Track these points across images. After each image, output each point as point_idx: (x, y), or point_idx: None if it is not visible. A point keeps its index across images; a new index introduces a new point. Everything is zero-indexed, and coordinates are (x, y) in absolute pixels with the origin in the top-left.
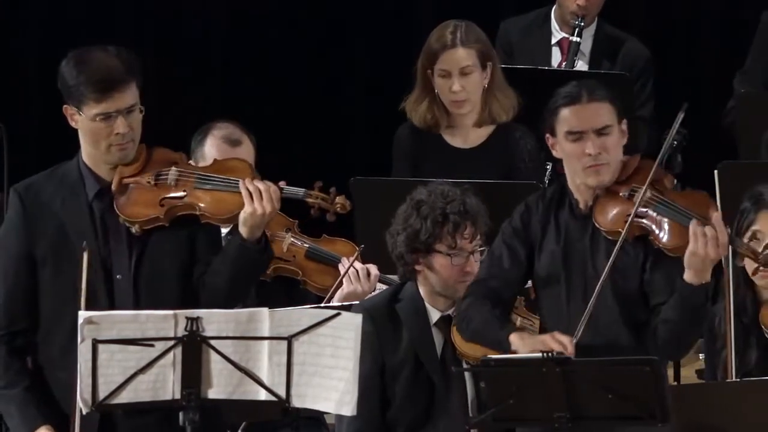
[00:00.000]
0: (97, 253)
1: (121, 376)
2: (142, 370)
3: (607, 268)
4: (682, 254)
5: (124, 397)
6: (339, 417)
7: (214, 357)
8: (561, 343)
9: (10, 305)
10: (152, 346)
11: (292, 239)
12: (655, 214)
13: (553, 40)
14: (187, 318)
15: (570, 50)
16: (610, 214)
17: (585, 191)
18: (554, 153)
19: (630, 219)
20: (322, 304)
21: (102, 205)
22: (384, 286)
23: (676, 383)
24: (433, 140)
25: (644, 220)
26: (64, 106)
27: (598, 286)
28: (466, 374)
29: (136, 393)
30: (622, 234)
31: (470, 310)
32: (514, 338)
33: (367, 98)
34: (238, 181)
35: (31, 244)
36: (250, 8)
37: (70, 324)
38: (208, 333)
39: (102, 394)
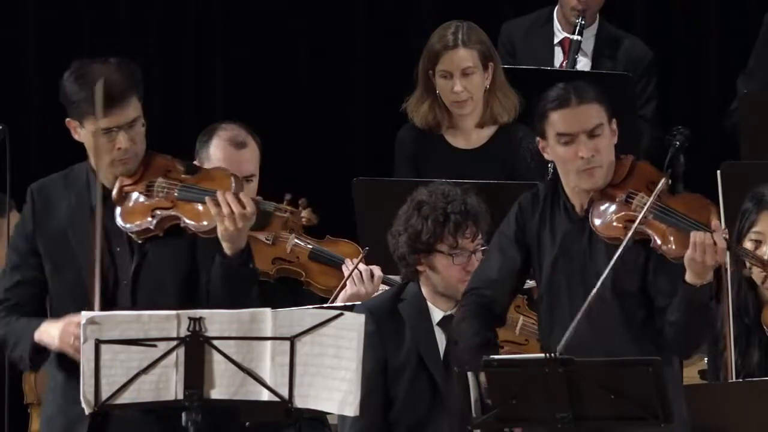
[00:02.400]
0: (101, 259)
1: (124, 377)
2: (145, 370)
3: (604, 274)
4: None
5: (127, 398)
6: (342, 417)
7: (216, 357)
8: None
9: (20, 290)
10: (155, 346)
11: (295, 240)
12: (655, 222)
13: (555, 40)
14: (190, 318)
15: (571, 49)
16: (607, 219)
17: (580, 194)
18: (546, 156)
19: (633, 228)
20: (326, 305)
21: (107, 210)
22: (387, 287)
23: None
24: (435, 141)
25: (645, 228)
26: (67, 119)
27: (593, 293)
28: (469, 374)
29: (139, 393)
30: (624, 242)
31: (460, 325)
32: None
33: (369, 99)
34: (211, 192)
35: (37, 243)
36: (250, 9)
37: None
38: (210, 333)
39: (105, 394)
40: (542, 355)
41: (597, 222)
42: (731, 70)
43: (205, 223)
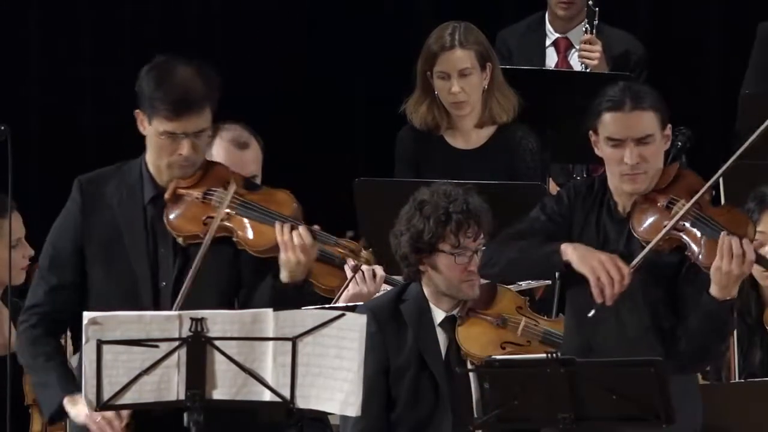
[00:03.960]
0: (146, 257)
1: (126, 377)
2: (147, 370)
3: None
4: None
5: (129, 398)
6: (344, 418)
7: (218, 358)
8: (618, 269)
9: (56, 296)
10: (157, 346)
11: None
12: (693, 230)
13: (548, 42)
14: (192, 319)
15: (588, 16)
16: (646, 222)
17: (623, 195)
18: (596, 151)
19: (664, 231)
20: (328, 305)
21: (155, 210)
22: (389, 287)
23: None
24: (435, 142)
25: (682, 234)
26: (136, 110)
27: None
28: (471, 375)
29: (141, 394)
30: (652, 243)
31: (497, 248)
32: (567, 248)
33: (370, 99)
34: (276, 214)
35: (83, 239)
36: (250, 9)
37: None
38: (212, 334)
39: (106, 394)
40: (544, 355)
41: (636, 225)
42: (732, 70)
43: (259, 243)
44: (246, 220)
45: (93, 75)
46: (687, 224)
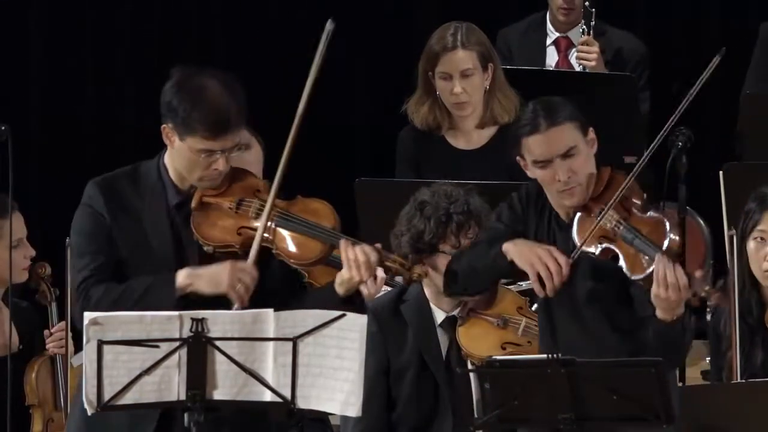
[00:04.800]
0: (173, 264)
1: (126, 377)
2: (147, 371)
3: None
4: (648, 285)
5: (129, 398)
6: (344, 418)
7: (219, 358)
8: (556, 260)
9: (103, 270)
10: (157, 347)
11: None
12: (623, 242)
13: (549, 41)
14: (192, 319)
15: (585, 17)
16: (583, 232)
17: (562, 205)
18: (528, 174)
19: (586, 237)
20: None
21: (180, 217)
22: (389, 288)
23: (681, 384)
24: (436, 142)
25: (613, 246)
26: (163, 125)
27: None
28: (471, 375)
29: (141, 394)
30: (578, 247)
31: (455, 261)
32: (508, 246)
33: (370, 100)
34: (322, 229)
35: (114, 236)
36: (251, 9)
37: None
38: (213, 334)
39: (107, 395)
40: (544, 356)
41: (576, 236)
42: (732, 69)
43: (305, 256)
44: (287, 233)
45: (93, 75)
46: (617, 234)
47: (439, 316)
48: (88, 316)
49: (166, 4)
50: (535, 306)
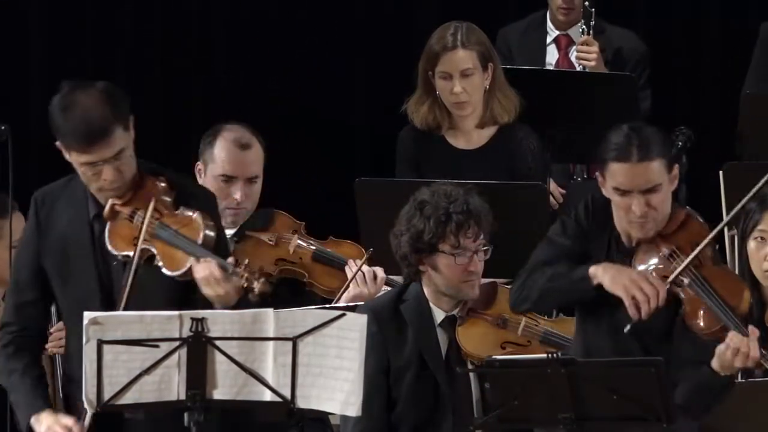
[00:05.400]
0: (95, 274)
1: (126, 377)
2: (147, 370)
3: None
4: (711, 338)
5: (129, 398)
6: (344, 418)
7: (219, 358)
8: (652, 285)
9: (22, 312)
10: (157, 346)
11: (298, 241)
12: (690, 291)
13: (549, 39)
14: (192, 319)
15: (584, 17)
16: (647, 270)
17: (627, 231)
18: (603, 191)
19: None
20: (328, 306)
21: (99, 227)
22: (389, 288)
23: None
24: (436, 142)
25: (680, 292)
26: (56, 142)
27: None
28: (471, 375)
29: (141, 394)
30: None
31: (526, 281)
32: (595, 270)
33: (370, 100)
34: (190, 241)
35: (41, 258)
36: (251, 10)
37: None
38: (213, 334)
39: (107, 394)
40: (544, 355)
41: (638, 265)
42: (732, 69)
43: (173, 267)
44: (163, 244)
45: (94, 75)
46: (685, 282)
47: (439, 315)
48: (87, 315)
49: (166, 4)
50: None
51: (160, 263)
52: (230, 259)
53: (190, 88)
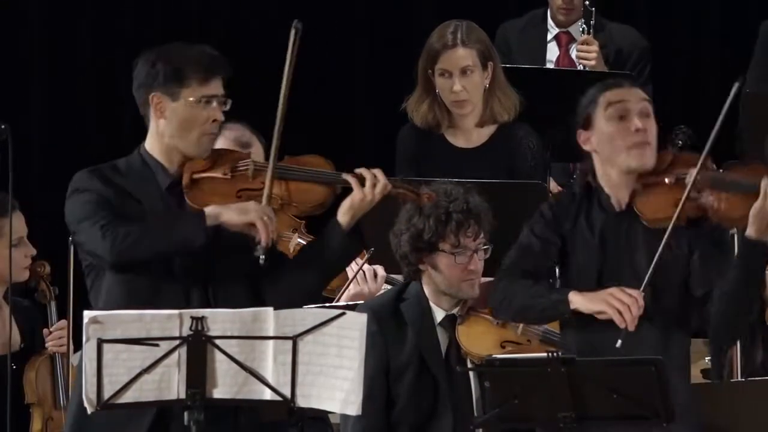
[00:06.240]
0: None
1: (126, 376)
2: (147, 369)
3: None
4: (744, 225)
5: (129, 397)
6: (344, 417)
7: (219, 357)
8: (629, 294)
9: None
10: (157, 345)
11: (298, 239)
12: (713, 190)
13: (549, 36)
14: (192, 318)
15: (584, 16)
16: (657, 203)
17: (620, 187)
18: (585, 147)
19: (684, 197)
20: (328, 305)
21: (174, 198)
22: (390, 287)
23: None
24: (436, 140)
25: (701, 199)
26: (151, 95)
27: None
28: (471, 373)
29: (141, 392)
30: (675, 214)
31: (509, 289)
32: (573, 296)
33: (370, 98)
34: (320, 171)
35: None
36: (251, 9)
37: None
38: (213, 332)
39: (107, 393)
40: (544, 354)
41: (645, 210)
42: (732, 69)
43: (310, 200)
44: (291, 182)
45: (94, 74)
46: (705, 185)
47: (439, 314)
48: (87, 314)
49: (166, 4)
50: None
51: (289, 202)
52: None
53: None
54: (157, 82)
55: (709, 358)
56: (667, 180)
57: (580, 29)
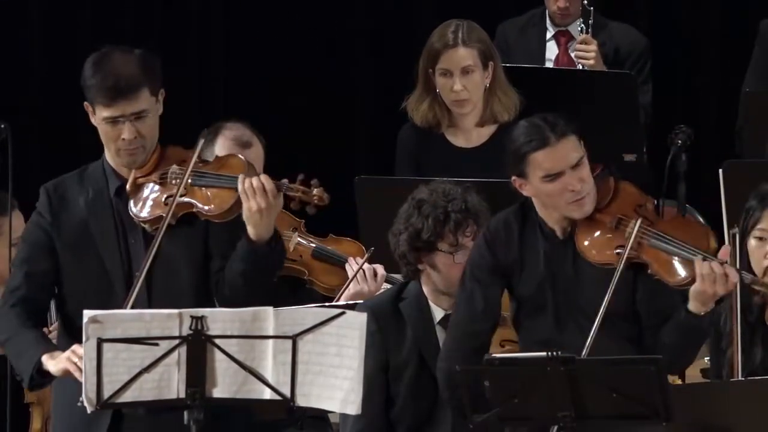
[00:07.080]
0: (117, 250)
1: (126, 375)
2: (147, 369)
3: (605, 301)
4: (686, 287)
5: (129, 396)
6: (344, 416)
7: (218, 356)
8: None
9: (32, 280)
10: (157, 345)
11: (298, 239)
12: (653, 249)
13: (549, 35)
14: (192, 317)
15: (583, 15)
16: (598, 245)
17: (561, 220)
18: (524, 193)
19: (624, 255)
20: (328, 304)
21: (120, 202)
22: (389, 286)
23: (680, 382)
24: (436, 140)
25: (641, 254)
26: (84, 102)
27: (599, 316)
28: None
29: (141, 392)
30: (618, 269)
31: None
32: None
33: (371, 98)
34: (232, 177)
35: (52, 236)
36: (251, 9)
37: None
38: (212, 332)
39: (107, 392)
40: (544, 354)
41: (587, 248)
42: (732, 69)
43: (217, 207)
44: (203, 190)
45: None
46: (645, 243)
47: (438, 313)
48: (87, 314)
49: (166, 4)
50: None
51: (201, 207)
52: (284, 180)
53: (190, 87)
54: (84, 89)
55: (708, 358)
56: (608, 222)
57: (579, 28)
